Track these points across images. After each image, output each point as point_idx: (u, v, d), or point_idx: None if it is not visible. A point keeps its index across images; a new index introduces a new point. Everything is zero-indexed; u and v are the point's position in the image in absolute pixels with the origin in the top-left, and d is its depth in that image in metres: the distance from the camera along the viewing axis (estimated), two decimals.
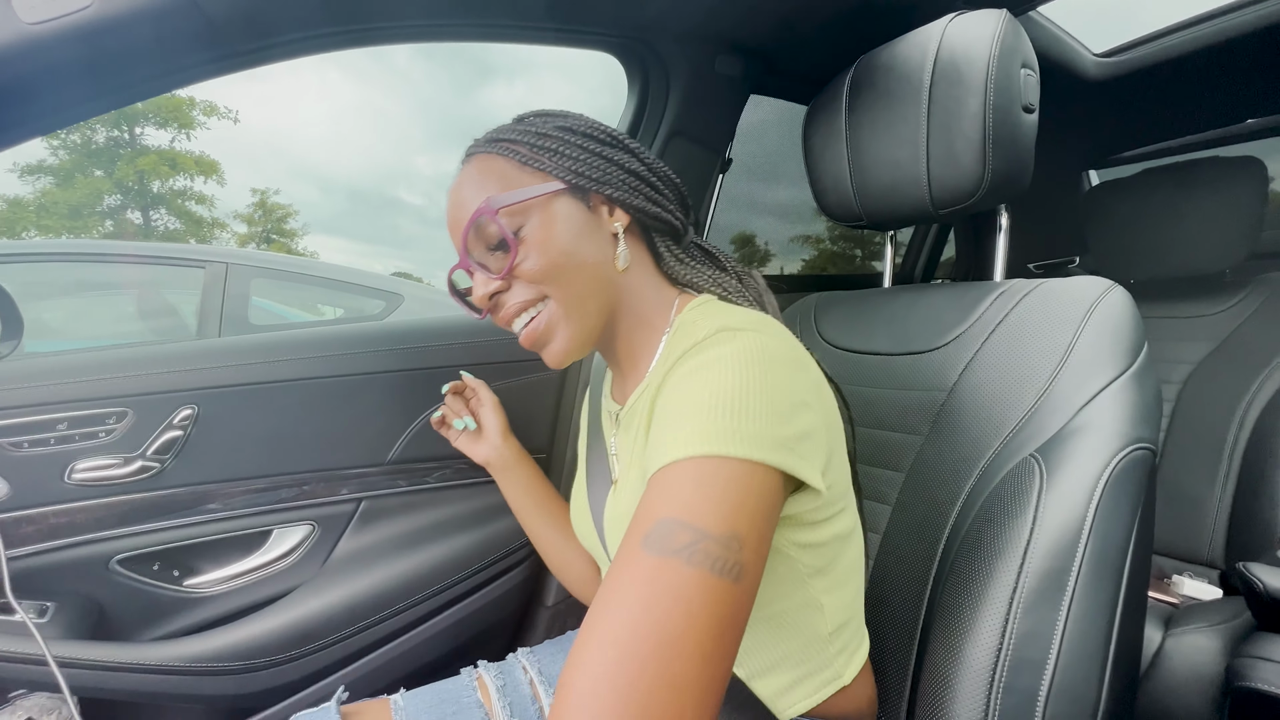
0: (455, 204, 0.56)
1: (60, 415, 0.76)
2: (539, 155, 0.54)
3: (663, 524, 0.36)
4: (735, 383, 0.41)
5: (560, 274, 0.53)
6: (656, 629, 0.33)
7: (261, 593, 0.87)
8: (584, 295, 0.54)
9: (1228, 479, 1.20)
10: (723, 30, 0.92)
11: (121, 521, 0.79)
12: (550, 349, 0.56)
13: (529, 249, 0.52)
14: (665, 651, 0.32)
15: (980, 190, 0.71)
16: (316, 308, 3.31)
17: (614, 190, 0.56)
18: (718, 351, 0.43)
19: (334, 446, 0.91)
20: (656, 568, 0.35)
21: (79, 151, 18.06)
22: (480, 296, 0.55)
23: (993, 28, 0.70)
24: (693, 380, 0.43)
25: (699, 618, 0.33)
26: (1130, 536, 0.54)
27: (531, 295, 0.54)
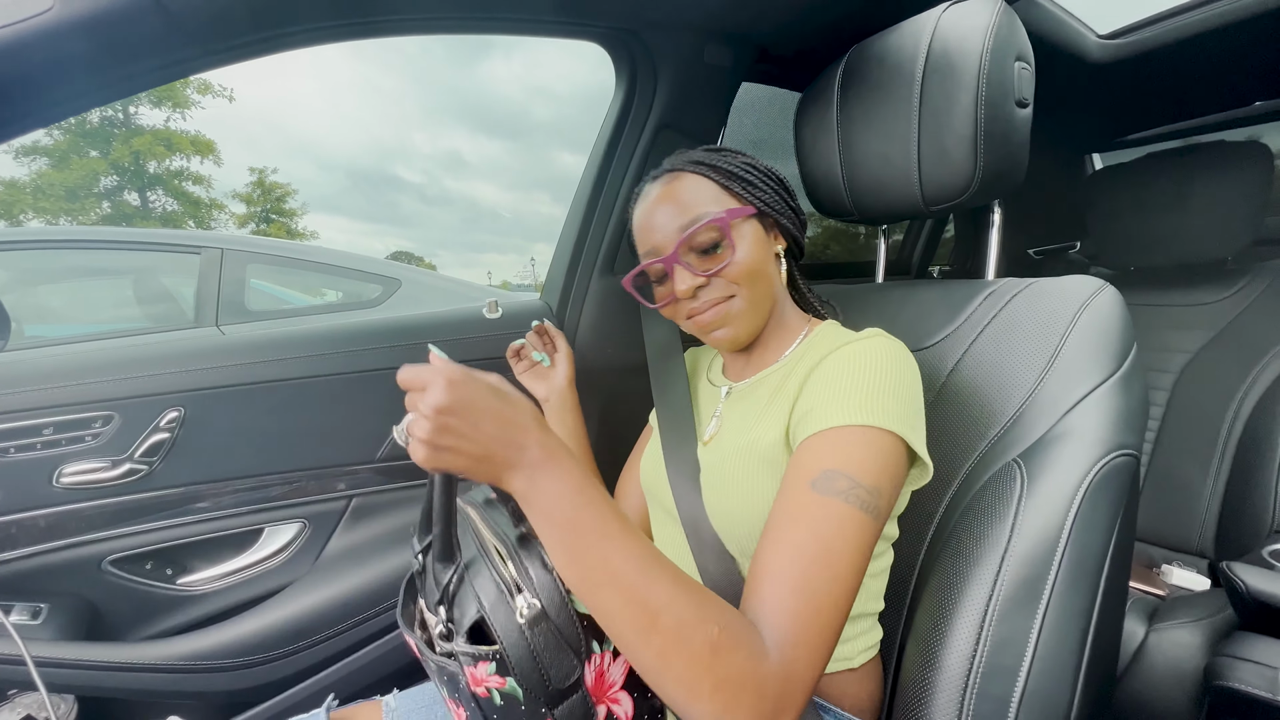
0: (665, 211, 0.65)
1: (46, 420, 0.76)
2: (732, 183, 0.66)
3: (828, 473, 0.48)
4: (885, 371, 0.54)
5: (750, 280, 0.64)
6: (824, 544, 0.46)
7: (254, 590, 0.88)
8: (760, 298, 0.66)
9: (1220, 469, 1.20)
10: (712, 19, 0.89)
11: (112, 523, 0.80)
12: (723, 334, 0.66)
13: (734, 255, 0.63)
14: (829, 559, 0.45)
15: (971, 187, 0.70)
16: (317, 291, 3.31)
17: (784, 220, 0.68)
18: (872, 344, 0.57)
19: (324, 445, 0.91)
20: (824, 504, 0.47)
21: (74, 133, 17.85)
22: (686, 289, 0.64)
23: (987, 19, 0.67)
24: (853, 363, 0.55)
25: (851, 539, 0.46)
26: (1109, 544, 0.54)
27: (726, 293, 0.64)
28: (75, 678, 0.72)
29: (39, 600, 0.76)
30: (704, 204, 0.64)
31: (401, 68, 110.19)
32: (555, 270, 1.10)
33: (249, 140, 55.18)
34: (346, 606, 0.87)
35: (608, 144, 1.00)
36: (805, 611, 0.44)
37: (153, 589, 0.83)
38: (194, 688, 0.78)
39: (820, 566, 0.45)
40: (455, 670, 0.46)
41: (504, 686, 0.44)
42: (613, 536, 0.43)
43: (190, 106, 19.37)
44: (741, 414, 0.67)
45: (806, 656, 0.43)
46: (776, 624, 0.43)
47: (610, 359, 1.07)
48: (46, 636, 0.72)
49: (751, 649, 0.42)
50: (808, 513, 0.47)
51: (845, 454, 0.49)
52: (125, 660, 0.74)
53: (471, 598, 0.46)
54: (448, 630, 0.47)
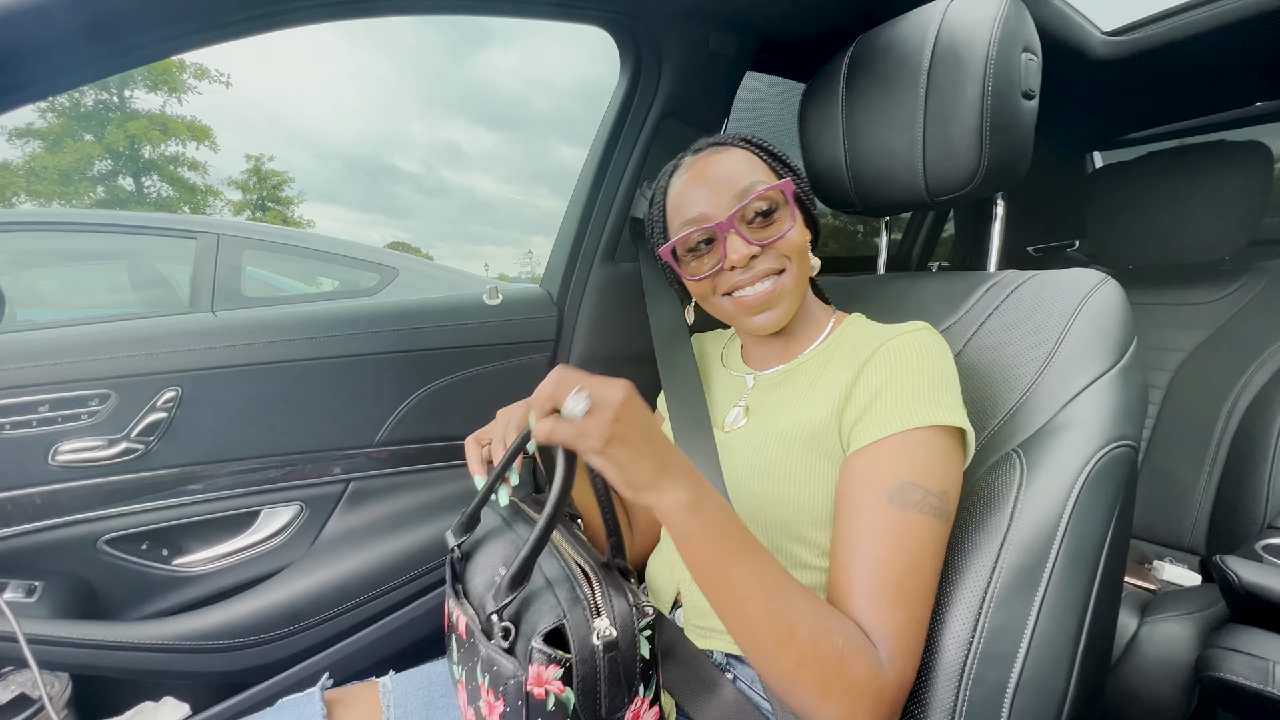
0: (721, 177, 0.64)
1: (42, 397, 0.75)
2: (779, 165, 0.66)
3: (903, 485, 0.51)
4: (939, 367, 0.57)
5: (800, 253, 0.65)
6: (910, 558, 0.50)
7: (250, 572, 0.88)
8: (802, 280, 0.66)
9: (1214, 467, 1.21)
10: (717, 6, 0.88)
11: (108, 502, 0.80)
12: (767, 317, 0.66)
13: (792, 226, 0.63)
14: (916, 571, 0.50)
15: (976, 179, 0.70)
16: (314, 279, 3.28)
17: (812, 211, 0.69)
18: (921, 338, 0.59)
19: (322, 428, 0.91)
20: (904, 519, 0.50)
21: (68, 115, 17.64)
22: (740, 257, 0.63)
23: (995, 9, 0.67)
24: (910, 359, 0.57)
25: (929, 549, 0.51)
26: (1106, 534, 0.55)
27: (777, 266, 0.64)
28: (69, 656, 0.71)
29: (34, 579, 0.75)
30: (758, 173, 0.64)
31: (400, 56, 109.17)
32: (556, 258, 1.09)
33: (245, 127, 54.70)
34: (343, 590, 0.87)
35: (610, 132, 1.00)
36: (906, 624, 0.49)
37: (148, 569, 0.83)
38: (189, 668, 0.78)
39: (911, 579, 0.50)
40: (513, 668, 0.46)
41: (562, 695, 0.45)
42: (756, 554, 0.48)
43: (187, 91, 19.19)
44: (777, 401, 0.67)
45: (911, 665, 0.49)
46: (885, 639, 0.48)
47: (610, 347, 1.07)
48: (41, 615, 0.72)
49: (871, 659, 0.47)
50: (891, 530, 0.50)
51: (916, 462, 0.52)
52: (120, 639, 0.74)
53: (551, 606, 0.48)
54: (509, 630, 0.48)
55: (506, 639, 0.48)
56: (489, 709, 0.49)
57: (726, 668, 0.64)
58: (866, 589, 0.50)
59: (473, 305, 1.03)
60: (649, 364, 0.84)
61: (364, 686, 0.70)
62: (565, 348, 1.06)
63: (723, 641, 0.65)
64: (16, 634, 0.63)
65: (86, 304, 2.77)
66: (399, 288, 2.88)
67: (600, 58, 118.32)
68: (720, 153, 0.66)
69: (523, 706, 0.46)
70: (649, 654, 0.50)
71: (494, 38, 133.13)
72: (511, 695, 0.46)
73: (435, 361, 0.98)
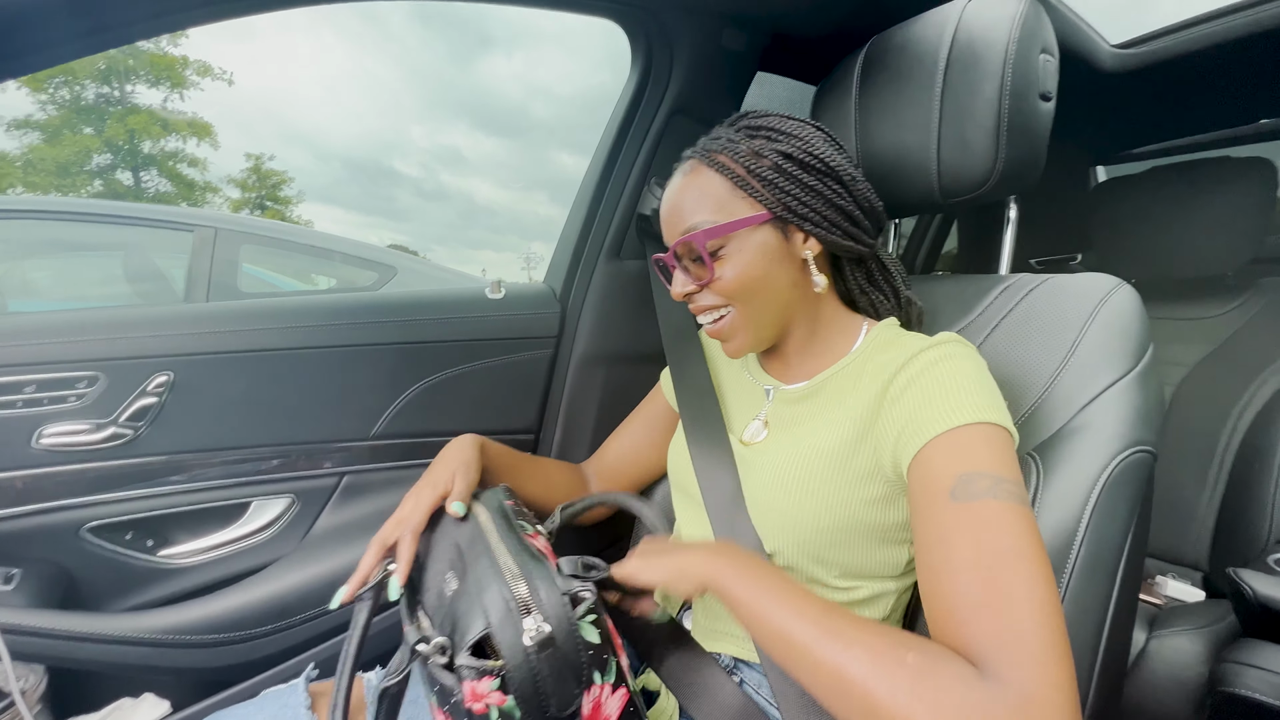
0: (672, 209, 0.63)
1: (28, 378, 0.73)
2: (752, 180, 0.60)
3: (963, 477, 0.45)
4: (974, 373, 0.52)
5: (745, 294, 0.61)
6: (990, 548, 0.41)
7: (238, 565, 0.85)
8: (763, 311, 0.62)
9: (1217, 483, 1.20)
10: (730, 2, 0.88)
11: (92, 489, 0.77)
12: (728, 347, 0.65)
13: (724, 269, 0.60)
14: (1007, 563, 0.40)
15: (990, 180, 0.69)
16: (310, 276, 3.26)
17: (814, 226, 0.61)
18: (952, 349, 0.54)
19: (317, 419, 0.89)
20: (971, 510, 0.43)
21: (68, 107, 17.58)
22: (677, 293, 0.63)
23: (1014, 9, 0.67)
24: (942, 368, 0.52)
25: (1025, 534, 0.41)
26: (1126, 539, 0.53)
27: (715, 304, 0.62)
28: (46, 647, 0.68)
29: (11, 565, 0.72)
30: (704, 211, 0.59)
31: (402, 60, 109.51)
32: (560, 254, 1.08)
33: (246, 125, 54.55)
34: (333, 585, 0.83)
35: (619, 127, 0.99)
36: (1011, 626, 0.38)
37: (132, 560, 0.80)
38: (171, 663, 0.76)
39: (1002, 574, 0.40)
40: (451, 684, 0.44)
41: (504, 704, 0.43)
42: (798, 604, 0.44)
43: (189, 87, 19.17)
44: (801, 417, 0.64)
45: (1040, 672, 0.36)
46: (985, 650, 0.38)
47: (613, 346, 1.05)
48: (17, 603, 0.69)
49: (958, 670, 0.37)
50: (959, 527, 0.43)
51: (971, 455, 0.46)
52: (99, 631, 0.71)
53: (478, 613, 0.45)
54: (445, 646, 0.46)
55: (444, 654, 0.45)
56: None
57: (734, 670, 0.62)
58: (952, 608, 0.41)
59: (475, 299, 1.01)
60: (652, 363, 0.82)
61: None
62: (568, 345, 1.05)
63: (731, 644, 0.63)
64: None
65: (78, 295, 2.73)
66: (396, 286, 2.86)
67: (601, 65, 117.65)
68: (690, 174, 0.62)
69: None
70: (600, 638, 0.47)
71: (496, 43, 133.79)
72: (459, 713, 0.44)
73: (435, 355, 0.96)
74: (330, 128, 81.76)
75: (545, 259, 1.13)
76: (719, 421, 0.68)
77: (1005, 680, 0.36)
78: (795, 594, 0.45)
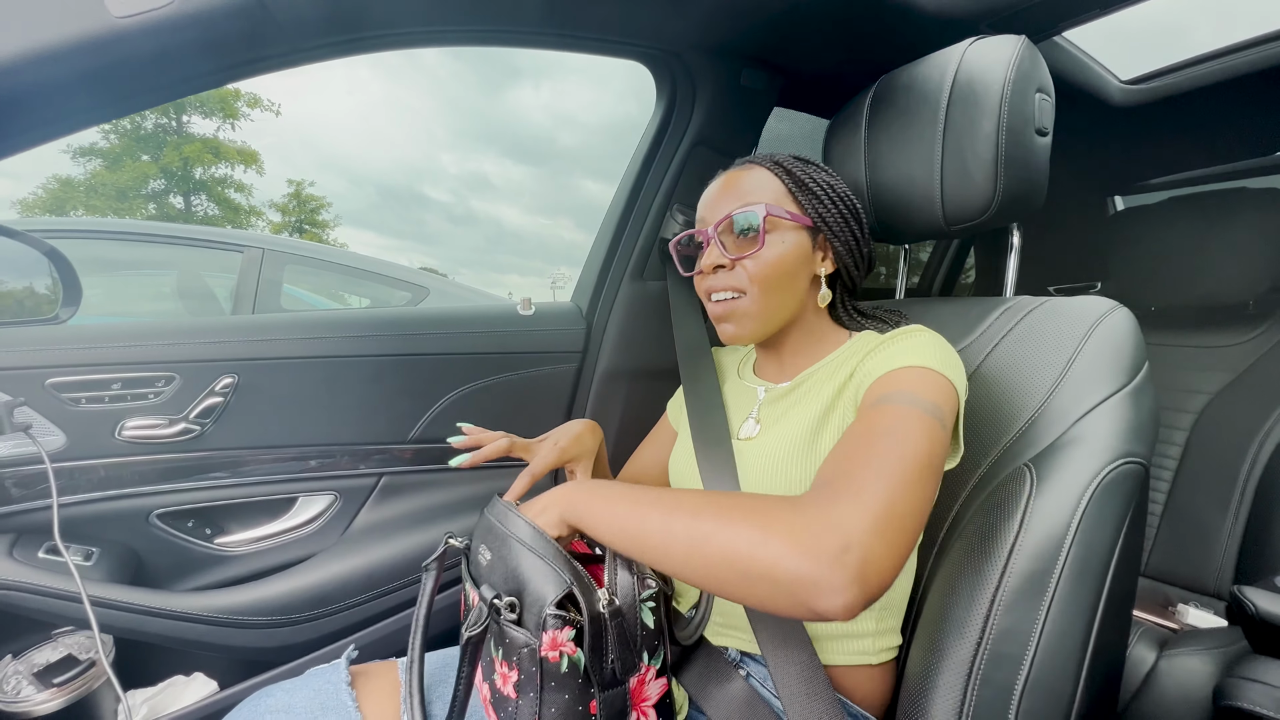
0: (723, 191, 0.69)
1: (115, 376, 0.82)
2: (802, 191, 0.68)
3: (899, 392, 0.53)
4: (934, 344, 0.59)
5: (768, 283, 0.66)
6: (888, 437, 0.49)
7: (285, 556, 0.92)
8: (775, 304, 0.68)
9: (1239, 512, 1.19)
10: (749, 45, 0.95)
11: (163, 478, 0.85)
12: (728, 330, 0.70)
13: (763, 254, 0.66)
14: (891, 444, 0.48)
15: (991, 209, 0.74)
16: (343, 297, 3.41)
17: (840, 246, 0.70)
18: (917, 329, 0.63)
19: (359, 423, 0.96)
20: (891, 409, 0.51)
21: (129, 136, 18.76)
22: (707, 264, 0.68)
23: (1010, 52, 0.72)
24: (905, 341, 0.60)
25: (922, 440, 0.49)
26: (1115, 546, 0.56)
27: (737, 286, 0.67)
28: (118, 619, 0.76)
29: (91, 545, 0.80)
30: (758, 195, 0.67)
31: (433, 91, 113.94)
32: (587, 274, 1.15)
33: (283, 152, 57.14)
34: (370, 578, 0.91)
35: (645, 156, 1.06)
36: (861, 477, 0.45)
37: (192, 546, 0.88)
38: (223, 640, 0.82)
39: (885, 448, 0.47)
40: (525, 637, 0.50)
41: (574, 655, 0.49)
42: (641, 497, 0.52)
43: (239, 117, 20.26)
44: (786, 409, 0.70)
45: (858, 514, 0.42)
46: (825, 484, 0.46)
47: (635, 361, 1.11)
48: (95, 578, 0.77)
49: (789, 502, 0.45)
50: (877, 419, 0.51)
51: (902, 381, 0.55)
52: (164, 607, 0.78)
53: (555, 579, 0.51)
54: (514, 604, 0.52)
55: (513, 611, 0.51)
56: (503, 680, 0.52)
57: (740, 664, 0.66)
58: (832, 464, 0.49)
59: (507, 314, 1.08)
60: (670, 379, 0.88)
61: (385, 663, 0.73)
62: (592, 360, 1.11)
63: (737, 639, 0.67)
64: (81, 594, 0.68)
65: (130, 312, 2.90)
66: (428, 306, 2.98)
67: (626, 97, 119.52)
68: (746, 169, 0.70)
69: (537, 672, 0.49)
70: (654, 624, 0.53)
71: (524, 74, 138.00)
72: (525, 662, 0.49)
73: (469, 366, 1.03)
74: (364, 155, 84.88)
75: (571, 282, 1.20)
76: (724, 428, 0.74)
77: (817, 502, 0.44)
78: (639, 493, 0.53)
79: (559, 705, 0.49)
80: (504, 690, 0.52)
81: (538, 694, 0.49)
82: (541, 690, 0.49)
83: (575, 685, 0.49)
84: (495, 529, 0.58)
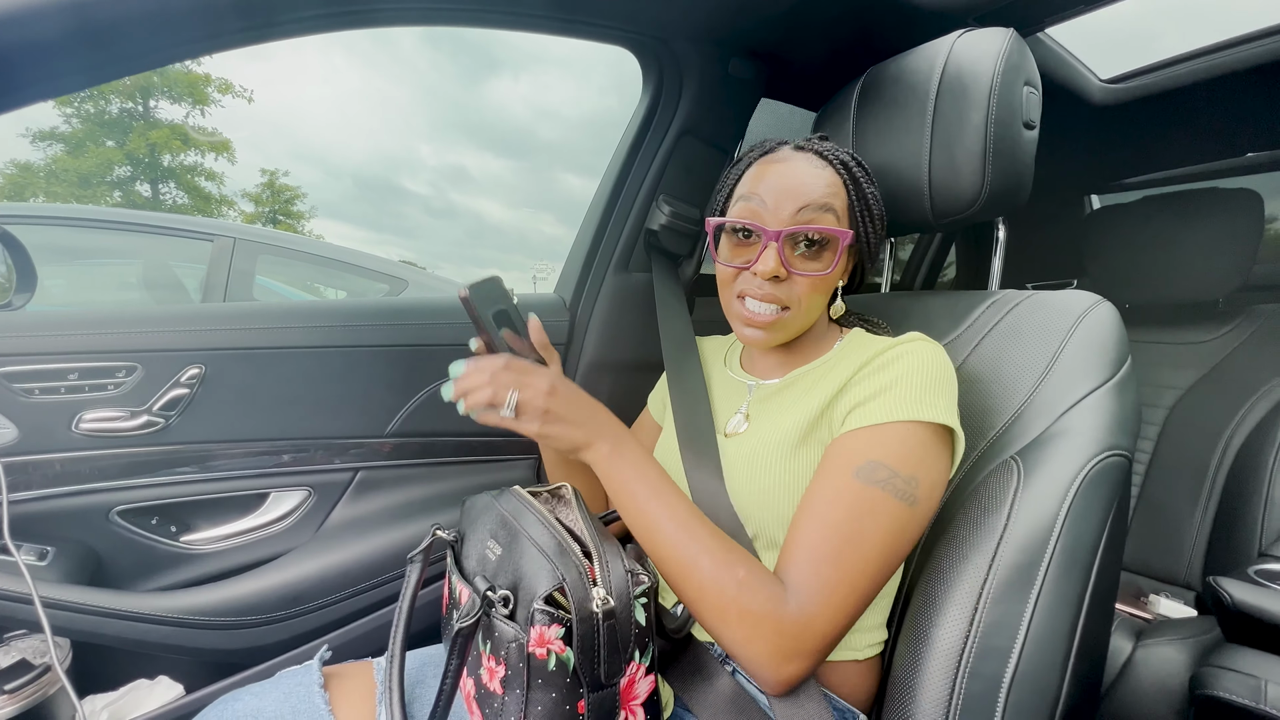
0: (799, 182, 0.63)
1: (72, 365, 0.78)
2: (860, 206, 0.66)
3: (871, 463, 0.54)
4: (929, 368, 0.58)
5: (813, 300, 0.65)
6: (858, 526, 0.52)
7: (256, 553, 0.89)
8: (808, 320, 0.68)
9: (1209, 504, 1.22)
10: (737, 35, 0.94)
11: (124, 474, 0.81)
12: (756, 336, 0.67)
13: (818, 275, 0.64)
14: (861, 539, 0.52)
15: (979, 202, 0.73)
16: (318, 289, 3.32)
17: (869, 264, 0.71)
18: (914, 346, 0.61)
19: (335, 416, 0.93)
20: (863, 490, 0.53)
21: (92, 121, 18.05)
22: (764, 270, 0.63)
23: (999, 45, 0.72)
24: (900, 364, 0.59)
25: (884, 526, 0.52)
26: (1100, 537, 0.56)
27: (786, 301, 0.65)
28: (75, 621, 0.72)
29: (46, 543, 0.76)
30: (833, 201, 0.63)
31: (412, 81, 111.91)
32: (571, 265, 1.13)
33: (260, 142, 55.71)
34: (345, 576, 0.88)
35: (630, 146, 1.05)
36: (830, 581, 0.51)
37: (155, 544, 0.84)
38: (189, 643, 0.79)
39: (851, 548, 0.52)
40: (514, 632, 0.48)
41: (563, 654, 0.47)
42: (669, 495, 0.57)
43: (210, 104, 19.65)
44: (776, 407, 0.69)
45: (826, 615, 0.50)
46: (802, 583, 0.51)
47: (619, 354, 1.10)
48: (51, 579, 0.73)
49: (772, 593, 0.51)
50: (844, 498, 0.53)
51: (890, 447, 0.55)
52: (125, 608, 0.75)
53: (548, 572, 0.49)
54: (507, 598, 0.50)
55: (506, 606, 0.50)
56: (490, 675, 0.50)
57: (726, 660, 0.65)
58: (803, 544, 0.53)
59: None
60: (656, 371, 0.86)
61: (359, 664, 0.70)
62: (576, 352, 1.09)
63: None
64: (33, 595, 0.64)
65: (93, 303, 2.79)
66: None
67: (608, 90, 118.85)
68: (814, 163, 0.65)
69: (524, 668, 0.47)
70: (644, 620, 0.51)
71: (503, 65, 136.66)
72: (513, 658, 0.48)
73: (449, 358, 0.99)
74: (340, 145, 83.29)
75: (554, 275, 1.18)
76: (709, 422, 0.73)
77: (805, 610, 0.50)
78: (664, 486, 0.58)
79: (545, 704, 0.47)
80: (490, 685, 0.50)
81: (524, 691, 0.47)
82: (528, 688, 0.47)
83: (563, 684, 0.47)
84: (509, 524, 0.56)
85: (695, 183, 1.07)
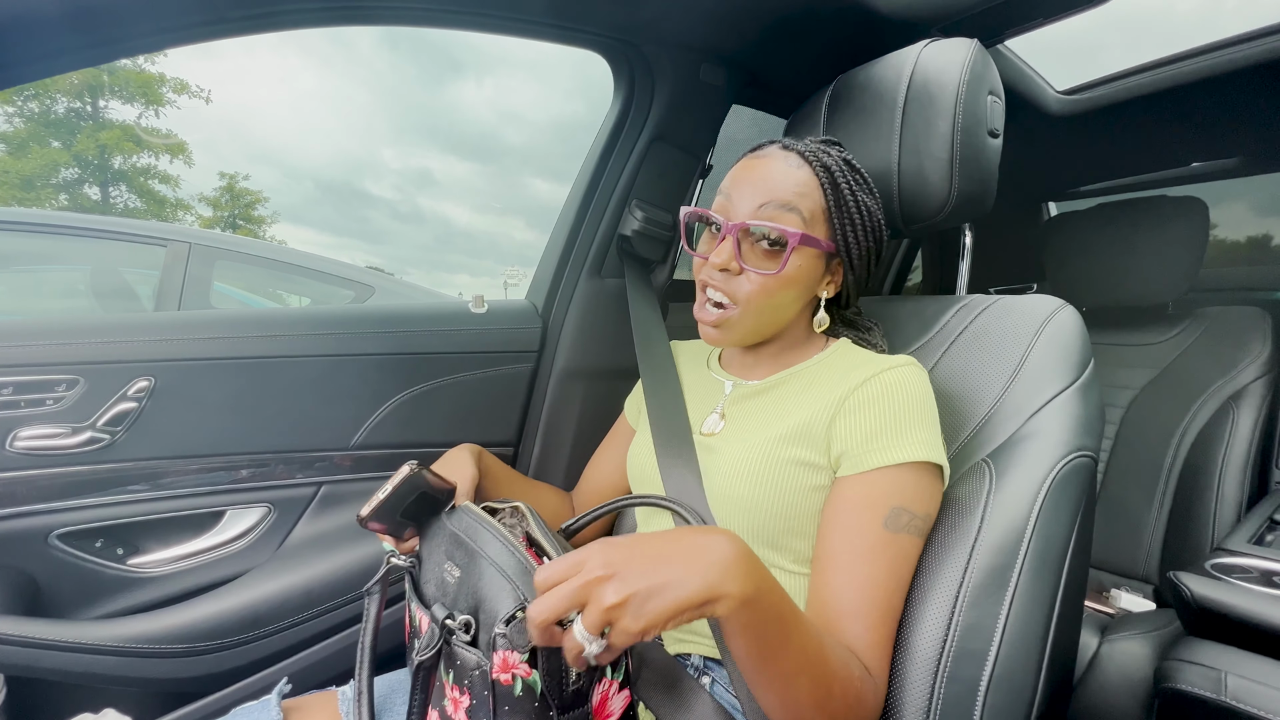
0: (767, 178, 0.62)
1: (5, 380, 0.72)
2: (840, 213, 0.63)
3: (896, 510, 0.56)
4: (926, 404, 0.59)
5: (765, 305, 0.63)
6: (898, 577, 0.55)
7: (211, 575, 0.84)
8: (763, 324, 0.66)
9: (1164, 500, 1.27)
10: (709, 40, 0.94)
11: (65, 494, 0.76)
12: (711, 334, 0.67)
13: (767, 275, 0.61)
14: (900, 586, 0.56)
15: (946, 208, 0.75)
16: (280, 296, 3.21)
17: (852, 275, 0.68)
18: (908, 373, 0.60)
19: (296, 428, 0.89)
20: (896, 541, 0.55)
21: (36, 121, 17.20)
22: (718, 260, 0.62)
23: (963, 55, 0.73)
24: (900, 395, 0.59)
25: (910, 567, 0.57)
26: (1070, 537, 0.57)
27: (736, 294, 0.63)
28: (9, 655, 0.67)
29: None
30: (797, 203, 0.61)
31: (372, 83, 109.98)
32: (543, 271, 1.11)
33: (217, 143, 53.86)
34: (308, 596, 0.84)
35: (603, 150, 1.04)
36: (887, 640, 0.54)
37: (101, 568, 0.79)
38: (137, 673, 0.74)
39: (896, 595, 0.55)
40: (475, 659, 0.46)
41: (529, 677, 0.45)
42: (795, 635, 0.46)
43: (164, 104, 18.94)
44: (757, 410, 0.68)
45: (886, 677, 0.54)
46: (872, 657, 0.52)
47: (592, 360, 1.08)
48: None
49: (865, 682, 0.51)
50: (885, 552, 0.55)
51: (906, 492, 0.56)
52: (64, 639, 0.70)
53: (509, 592, 0.47)
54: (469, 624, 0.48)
55: (468, 632, 0.48)
56: (454, 706, 0.48)
57: (705, 670, 0.64)
58: (856, 609, 0.53)
59: (458, 313, 1.03)
60: (630, 378, 0.85)
61: (322, 695, 0.67)
62: (549, 359, 1.07)
63: (700, 645, 0.65)
64: None
65: (34, 311, 2.64)
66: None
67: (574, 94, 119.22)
68: (790, 160, 0.64)
69: (489, 696, 0.46)
70: None
71: (465, 68, 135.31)
72: (478, 686, 0.46)
73: (417, 366, 0.98)
74: (301, 147, 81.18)
75: (525, 280, 1.16)
76: (684, 422, 0.72)
77: (879, 680, 0.52)
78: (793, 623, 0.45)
79: None
80: (455, 717, 0.48)
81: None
82: (494, 715, 0.45)
83: (531, 708, 0.45)
84: (464, 544, 0.54)
85: (668, 187, 1.07)
